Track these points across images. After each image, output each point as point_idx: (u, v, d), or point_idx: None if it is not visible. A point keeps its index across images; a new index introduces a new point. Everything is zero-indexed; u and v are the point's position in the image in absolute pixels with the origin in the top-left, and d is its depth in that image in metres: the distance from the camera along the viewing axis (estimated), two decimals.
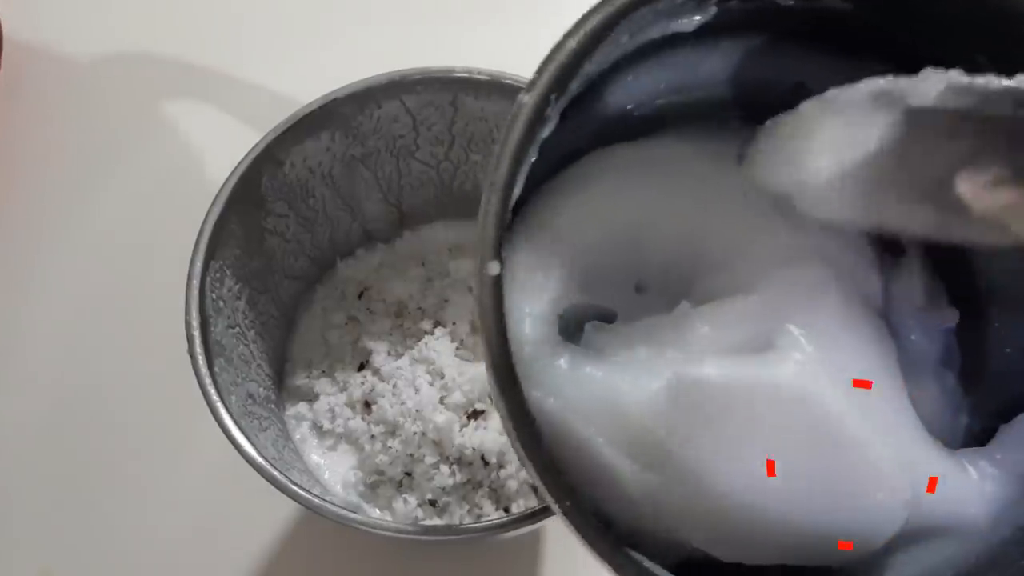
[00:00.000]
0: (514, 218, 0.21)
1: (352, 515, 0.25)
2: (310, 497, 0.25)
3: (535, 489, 0.31)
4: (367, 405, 0.32)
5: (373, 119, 0.31)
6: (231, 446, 0.25)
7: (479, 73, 0.30)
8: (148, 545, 0.34)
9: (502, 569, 0.34)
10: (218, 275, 0.28)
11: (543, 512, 0.25)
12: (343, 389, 0.32)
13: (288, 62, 0.44)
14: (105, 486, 0.35)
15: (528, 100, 0.19)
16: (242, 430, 0.26)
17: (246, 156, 0.29)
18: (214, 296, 0.28)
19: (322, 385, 0.32)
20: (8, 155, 0.42)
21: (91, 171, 0.42)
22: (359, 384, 0.32)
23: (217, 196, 0.28)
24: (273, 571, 0.34)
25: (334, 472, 0.31)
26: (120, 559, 0.34)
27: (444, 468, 0.31)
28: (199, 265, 0.27)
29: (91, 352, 0.37)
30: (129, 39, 0.45)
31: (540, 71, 0.20)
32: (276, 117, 0.30)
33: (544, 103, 0.20)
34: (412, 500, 0.31)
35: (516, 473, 0.31)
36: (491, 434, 0.31)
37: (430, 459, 0.31)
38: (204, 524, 0.34)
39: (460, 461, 0.31)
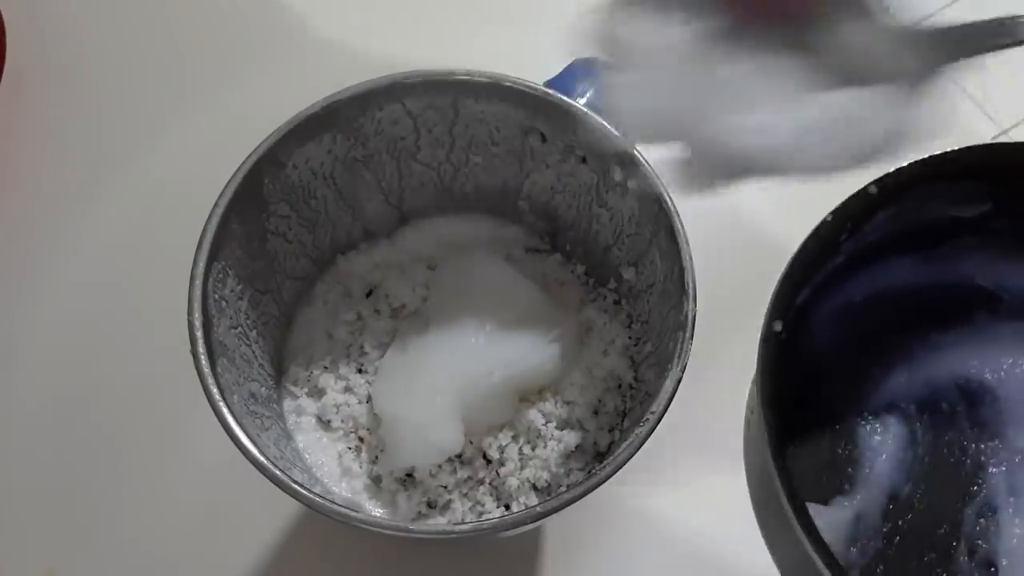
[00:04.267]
0: None
1: (354, 514, 0.25)
2: (312, 496, 0.25)
3: (536, 488, 0.31)
4: (369, 403, 0.32)
5: (374, 121, 0.31)
6: (234, 446, 0.26)
7: (479, 75, 0.30)
8: (152, 545, 0.34)
9: (503, 565, 0.34)
10: (221, 276, 0.28)
11: (543, 511, 0.25)
12: (345, 387, 0.33)
13: (290, 64, 0.44)
14: (108, 486, 0.35)
15: None
16: (244, 430, 0.26)
17: (249, 157, 0.29)
18: (217, 296, 0.28)
19: (324, 383, 0.33)
20: (11, 155, 0.42)
21: (94, 173, 0.42)
22: (362, 383, 0.33)
23: (220, 197, 0.29)
24: (276, 569, 0.34)
25: (335, 470, 0.32)
26: (124, 559, 0.34)
27: (445, 466, 0.31)
28: (202, 265, 0.28)
29: (94, 352, 0.38)
30: (132, 41, 0.45)
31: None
32: (278, 119, 0.30)
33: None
34: (414, 498, 0.31)
35: (516, 471, 0.31)
36: (491, 432, 0.31)
37: None
38: (207, 523, 0.35)
39: (461, 459, 0.31)
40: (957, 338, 0.32)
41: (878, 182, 0.27)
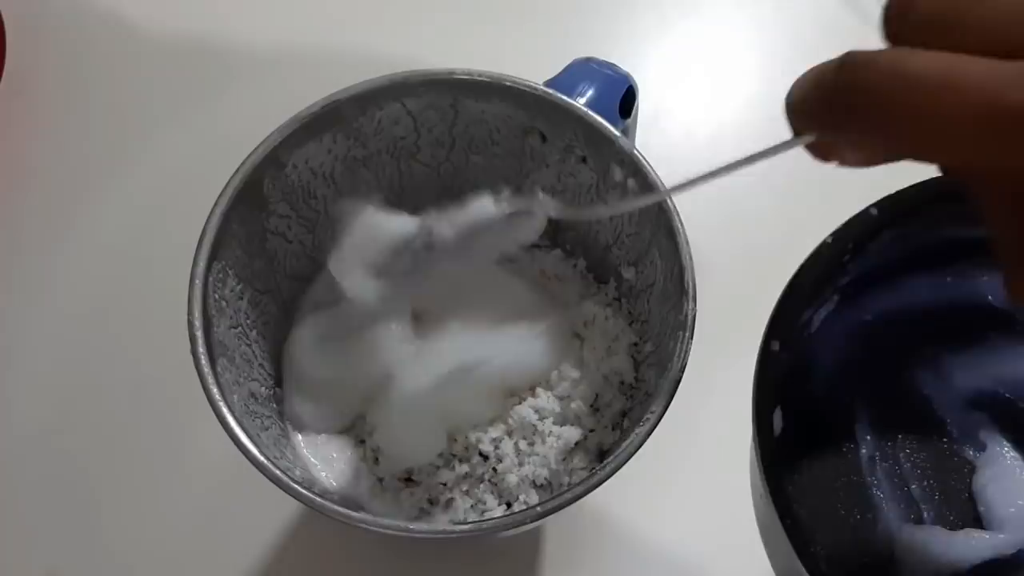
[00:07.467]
0: None
1: (354, 513, 0.25)
2: (312, 496, 0.25)
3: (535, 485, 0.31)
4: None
5: (374, 121, 0.31)
6: (234, 446, 0.26)
7: (480, 75, 0.30)
8: (153, 545, 0.34)
9: (503, 564, 0.34)
10: (221, 276, 0.28)
11: (543, 511, 0.25)
12: None
13: (290, 64, 0.44)
14: (109, 486, 0.35)
15: None
16: (244, 430, 0.26)
17: (249, 157, 0.29)
18: (217, 296, 0.28)
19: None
20: (11, 155, 0.42)
21: (94, 172, 0.42)
22: None
23: (220, 197, 0.29)
24: (276, 569, 0.34)
25: (336, 470, 0.32)
26: (125, 559, 0.34)
27: (444, 464, 0.31)
28: (202, 265, 0.28)
29: (94, 352, 0.38)
30: (132, 41, 0.45)
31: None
32: (278, 119, 0.30)
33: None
34: (415, 496, 0.31)
35: (514, 467, 0.31)
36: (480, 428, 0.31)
37: None
38: (207, 523, 0.35)
39: (456, 456, 0.31)
40: (970, 358, 0.30)
41: (878, 204, 0.26)
